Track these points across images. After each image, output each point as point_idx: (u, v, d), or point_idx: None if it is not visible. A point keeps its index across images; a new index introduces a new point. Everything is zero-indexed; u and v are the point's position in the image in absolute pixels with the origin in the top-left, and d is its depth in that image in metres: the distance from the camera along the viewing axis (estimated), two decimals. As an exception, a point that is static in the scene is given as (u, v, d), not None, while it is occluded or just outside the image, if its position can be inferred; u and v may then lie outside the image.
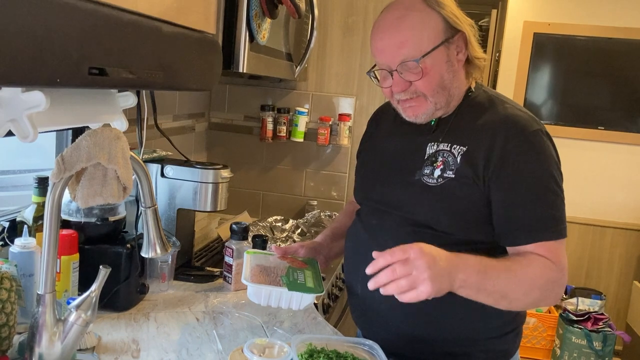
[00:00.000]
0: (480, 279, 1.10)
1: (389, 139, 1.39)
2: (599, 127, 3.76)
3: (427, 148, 1.28)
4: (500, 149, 1.19)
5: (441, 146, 1.26)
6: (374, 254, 1.07)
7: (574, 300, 3.63)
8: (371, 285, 1.06)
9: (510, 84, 3.81)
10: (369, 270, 1.07)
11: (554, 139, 1.26)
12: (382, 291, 1.05)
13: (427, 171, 1.25)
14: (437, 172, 1.24)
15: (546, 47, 3.78)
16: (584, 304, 3.60)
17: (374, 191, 1.36)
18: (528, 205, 1.18)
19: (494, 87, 3.82)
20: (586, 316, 3.48)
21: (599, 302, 3.62)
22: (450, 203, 1.22)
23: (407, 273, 1.03)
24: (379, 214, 1.33)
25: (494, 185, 1.19)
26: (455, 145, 1.24)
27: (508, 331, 1.31)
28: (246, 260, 1.36)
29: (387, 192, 1.32)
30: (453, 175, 1.22)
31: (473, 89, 1.30)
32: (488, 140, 1.20)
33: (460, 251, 1.23)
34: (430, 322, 1.26)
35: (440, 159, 1.24)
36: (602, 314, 3.50)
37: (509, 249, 1.21)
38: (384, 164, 1.37)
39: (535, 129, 1.21)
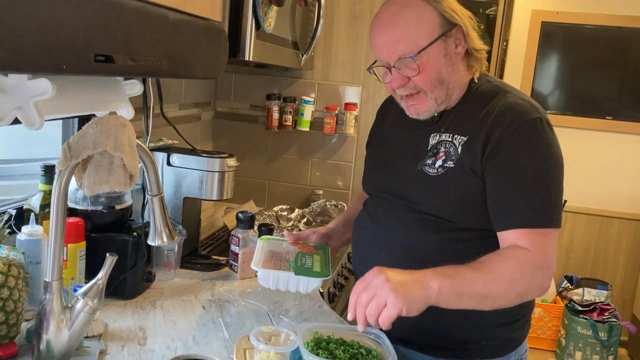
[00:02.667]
0: (456, 284, 1.07)
1: (395, 130, 1.40)
2: (607, 117, 3.74)
3: (430, 139, 1.28)
4: (497, 136, 1.19)
5: (443, 137, 1.26)
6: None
7: (579, 290, 3.62)
8: (360, 327, 1.06)
9: (517, 73, 3.78)
10: (349, 317, 1.07)
11: (562, 129, 1.25)
12: (360, 328, 1.06)
13: (429, 161, 1.26)
14: (439, 163, 1.24)
15: (554, 36, 3.75)
16: (590, 295, 3.60)
17: (380, 182, 1.37)
18: (517, 191, 1.17)
19: (501, 76, 3.79)
20: (592, 306, 3.47)
21: (605, 292, 3.61)
22: (451, 192, 1.23)
23: (370, 296, 1.03)
24: (385, 204, 1.34)
25: (488, 170, 1.19)
26: (456, 136, 1.24)
27: (516, 319, 1.31)
28: (258, 246, 1.38)
29: (392, 183, 1.33)
30: (453, 165, 1.22)
31: (476, 80, 1.29)
32: (487, 128, 1.20)
33: (465, 239, 1.23)
34: (438, 311, 1.25)
35: (442, 149, 1.25)
36: (608, 305, 3.49)
37: (499, 235, 1.20)
38: (389, 154, 1.38)
39: (534, 117, 1.20)
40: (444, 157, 1.24)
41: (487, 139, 1.19)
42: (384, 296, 1.02)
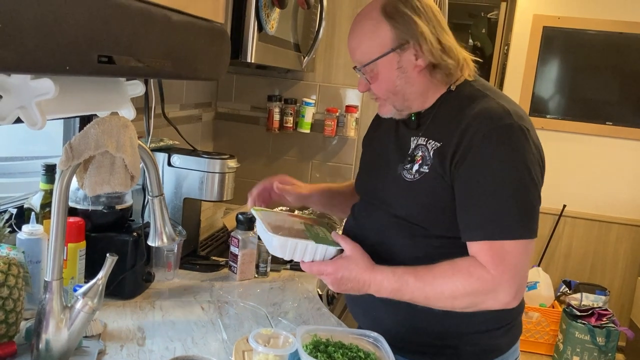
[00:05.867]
0: (394, 296, 1.19)
1: (385, 133, 1.40)
2: (607, 123, 3.74)
3: (411, 142, 1.28)
4: (466, 142, 1.16)
5: (420, 141, 1.26)
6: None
7: (578, 295, 3.63)
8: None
9: (518, 78, 3.79)
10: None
11: (562, 134, 1.25)
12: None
13: (407, 166, 1.26)
14: (415, 167, 1.24)
15: (555, 41, 3.75)
16: (588, 300, 3.60)
17: (366, 184, 1.40)
18: (480, 202, 1.15)
19: (502, 80, 3.80)
20: (590, 311, 3.48)
21: (603, 297, 3.62)
22: (424, 198, 1.23)
23: (317, 275, 1.25)
24: (368, 207, 1.36)
25: (456, 178, 1.18)
26: (430, 141, 1.24)
27: (496, 327, 1.29)
28: (258, 217, 1.32)
29: (375, 186, 1.34)
30: (427, 171, 1.22)
31: (453, 87, 1.27)
32: (458, 135, 1.18)
33: (438, 246, 1.23)
34: (416, 315, 1.25)
35: (420, 154, 1.25)
36: (606, 310, 3.50)
37: (467, 245, 1.19)
38: (376, 157, 1.40)
39: (507, 123, 1.16)
40: (420, 162, 1.24)
41: (458, 146, 1.18)
42: (324, 282, 1.24)
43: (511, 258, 1.13)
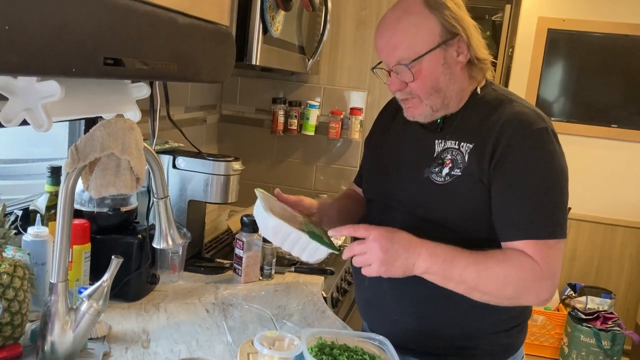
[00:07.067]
0: (445, 268, 1.14)
1: (400, 135, 1.38)
2: (612, 125, 3.73)
3: (436, 146, 1.28)
4: (504, 145, 1.18)
5: (449, 144, 1.26)
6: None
7: (583, 298, 3.61)
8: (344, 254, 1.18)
9: (523, 80, 3.78)
10: (343, 257, 1.18)
11: (567, 136, 1.25)
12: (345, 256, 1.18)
13: (435, 169, 1.25)
14: (446, 170, 1.23)
15: (560, 44, 3.74)
16: (594, 303, 3.59)
17: (385, 189, 1.36)
18: (523, 201, 1.17)
19: (507, 82, 3.79)
20: (595, 315, 3.46)
21: (609, 301, 3.60)
22: (458, 201, 1.22)
23: (362, 252, 1.14)
24: (389, 211, 1.33)
25: (494, 180, 1.19)
26: (463, 143, 1.24)
27: (513, 326, 1.31)
28: (260, 197, 1.27)
29: (397, 190, 1.32)
30: (460, 173, 1.22)
31: (479, 90, 1.28)
32: (494, 137, 1.20)
33: (471, 248, 1.22)
34: (438, 317, 1.26)
35: (449, 157, 1.24)
36: (611, 313, 3.48)
37: (503, 246, 1.20)
38: (394, 161, 1.36)
39: (541, 127, 1.20)
40: (450, 165, 1.23)
41: (494, 148, 1.19)
42: (371, 259, 1.14)
43: (552, 257, 1.16)
